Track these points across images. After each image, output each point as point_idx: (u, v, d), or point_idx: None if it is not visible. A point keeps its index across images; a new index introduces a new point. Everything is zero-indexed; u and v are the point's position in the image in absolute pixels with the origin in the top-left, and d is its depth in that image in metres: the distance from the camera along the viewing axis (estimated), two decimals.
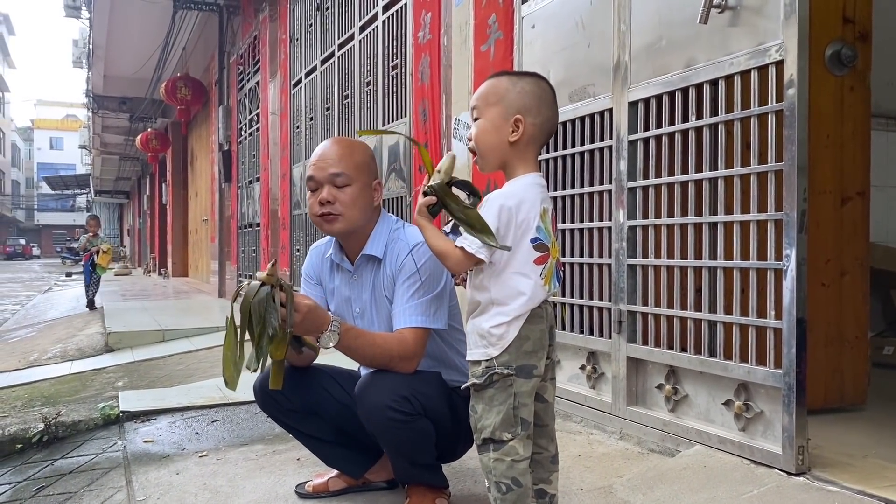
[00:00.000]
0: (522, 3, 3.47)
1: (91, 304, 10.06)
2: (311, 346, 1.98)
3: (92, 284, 10.09)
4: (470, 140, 1.73)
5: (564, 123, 3.13)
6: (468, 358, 1.70)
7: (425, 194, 1.71)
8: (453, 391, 2.16)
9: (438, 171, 1.72)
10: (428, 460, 2.12)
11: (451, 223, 1.74)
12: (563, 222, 3.15)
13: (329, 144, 2.19)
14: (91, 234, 10.37)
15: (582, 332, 3.08)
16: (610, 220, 2.88)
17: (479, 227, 1.60)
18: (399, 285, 2.09)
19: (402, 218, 3.20)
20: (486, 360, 1.65)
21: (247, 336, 1.84)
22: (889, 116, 4.23)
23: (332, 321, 1.94)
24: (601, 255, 2.96)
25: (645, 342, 2.73)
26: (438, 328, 2.08)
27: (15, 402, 4.62)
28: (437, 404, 2.05)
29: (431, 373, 2.11)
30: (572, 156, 3.11)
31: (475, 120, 1.71)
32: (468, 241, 1.61)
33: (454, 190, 1.74)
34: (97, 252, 10.07)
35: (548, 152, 3.27)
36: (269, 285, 1.80)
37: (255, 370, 1.88)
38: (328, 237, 2.33)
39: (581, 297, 3.09)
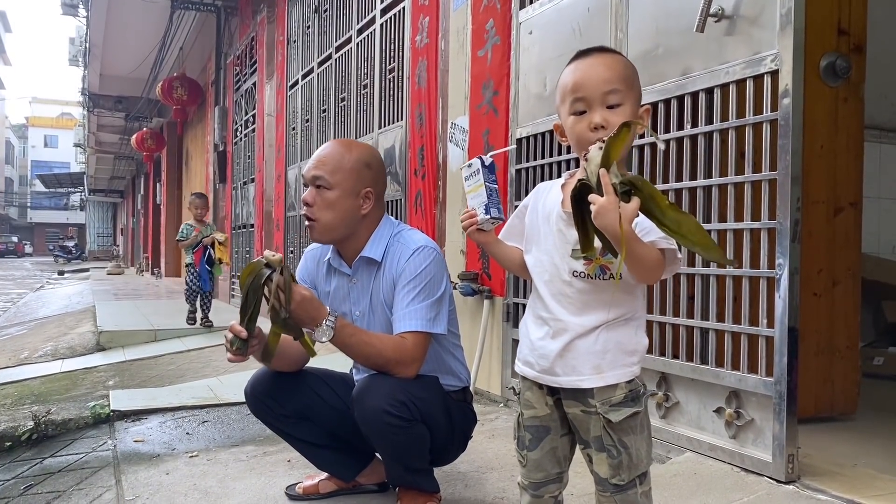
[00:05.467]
0: (520, 9, 3.48)
1: (206, 319, 7.24)
2: (307, 345, 1.97)
3: (203, 293, 7.26)
4: (605, 126, 1.37)
5: None
6: (606, 383, 1.40)
7: (625, 192, 1.22)
8: (448, 396, 2.16)
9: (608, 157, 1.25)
10: (422, 465, 2.12)
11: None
12: None
13: (325, 146, 2.20)
14: (198, 221, 7.32)
15: None
16: None
17: (699, 240, 1.22)
18: (399, 289, 2.08)
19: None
20: (635, 379, 1.43)
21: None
22: (882, 128, 4.25)
23: (329, 316, 1.94)
24: None
25: None
26: (438, 333, 2.08)
27: (4, 399, 4.60)
28: (434, 410, 2.05)
29: (429, 377, 2.11)
30: (567, 162, 3.12)
31: (612, 106, 1.39)
32: (671, 241, 1.32)
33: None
34: (212, 244, 7.15)
35: (543, 158, 3.28)
36: (272, 269, 1.85)
37: (237, 348, 1.91)
38: None
39: None
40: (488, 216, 1.49)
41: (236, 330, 1.91)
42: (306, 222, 2.16)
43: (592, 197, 1.24)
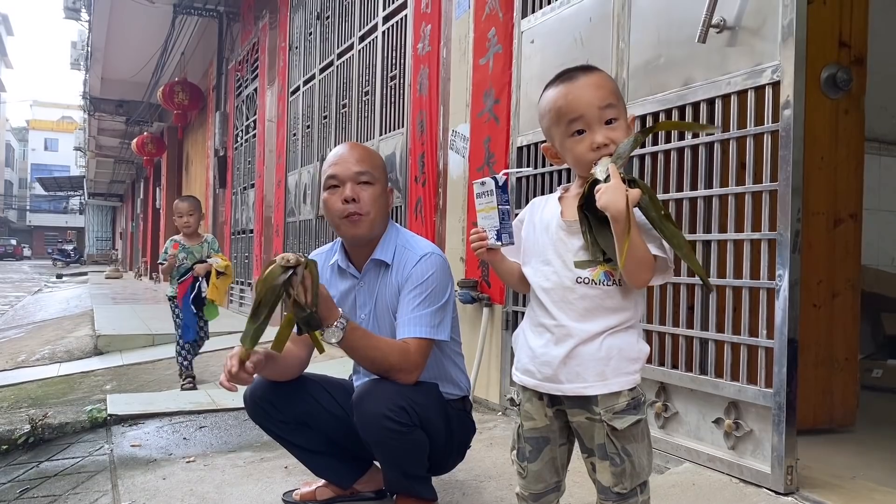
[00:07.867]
0: (522, 18, 3.49)
1: (188, 377, 4.70)
2: (317, 341, 1.91)
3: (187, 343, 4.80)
4: (608, 144, 1.42)
5: None
6: (610, 390, 1.41)
7: (630, 184, 1.34)
8: (448, 404, 2.16)
9: (620, 157, 1.39)
10: (420, 472, 2.12)
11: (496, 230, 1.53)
12: None
13: (349, 146, 2.21)
14: (187, 236, 4.82)
15: None
16: None
17: (688, 252, 1.36)
18: (405, 295, 2.08)
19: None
20: (637, 387, 1.44)
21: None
22: (882, 141, 4.26)
23: (340, 317, 1.92)
24: None
25: None
26: (441, 340, 2.08)
27: (1, 403, 4.58)
28: (434, 416, 2.05)
29: (430, 384, 2.11)
30: (569, 170, 3.12)
31: (611, 121, 1.44)
32: (664, 251, 1.38)
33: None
34: (206, 274, 4.71)
35: (544, 166, 3.29)
36: (294, 267, 1.80)
37: (249, 349, 1.86)
38: (331, 244, 2.33)
39: None
40: (499, 242, 1.53)
41: (245, 369, 1.88)
42: (350, 218, 2.11)
43: (599, 185, 1.33)
